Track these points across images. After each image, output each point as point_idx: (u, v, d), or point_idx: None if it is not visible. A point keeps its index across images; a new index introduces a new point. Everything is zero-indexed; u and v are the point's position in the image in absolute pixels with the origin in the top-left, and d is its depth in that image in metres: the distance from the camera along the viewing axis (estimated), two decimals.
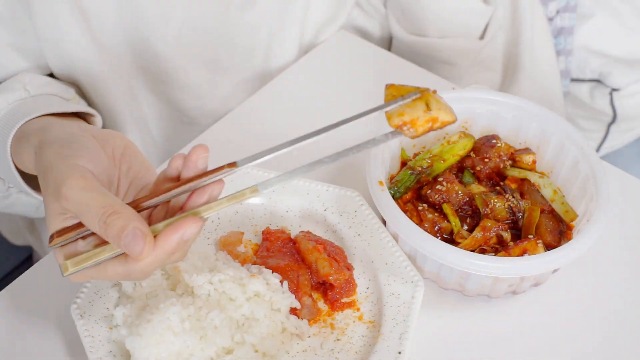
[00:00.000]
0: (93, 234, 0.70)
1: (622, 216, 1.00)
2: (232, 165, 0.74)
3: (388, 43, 1.38)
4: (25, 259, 1.58)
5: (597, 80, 1.51)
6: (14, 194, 0.99)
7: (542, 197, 0.94)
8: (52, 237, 0.70)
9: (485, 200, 0.91)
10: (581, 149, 0.94)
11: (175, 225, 0.67)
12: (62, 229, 0.70)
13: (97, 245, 0.70)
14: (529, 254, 0.86)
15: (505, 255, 0.86)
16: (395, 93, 0.77)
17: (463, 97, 1.00)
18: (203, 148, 0.73)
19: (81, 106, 0.96)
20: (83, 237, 0.71)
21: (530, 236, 0.89)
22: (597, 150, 1.57)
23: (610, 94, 1.50)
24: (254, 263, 0.91)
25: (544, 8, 1.43)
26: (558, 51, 1.48)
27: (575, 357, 0.88)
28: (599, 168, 0.91)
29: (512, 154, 0.98)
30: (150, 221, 0.73)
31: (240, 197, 0.73)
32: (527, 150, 0.99)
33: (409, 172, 0.95)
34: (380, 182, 0.89)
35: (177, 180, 0.72)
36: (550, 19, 1.45)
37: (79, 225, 0.70)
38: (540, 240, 0.88)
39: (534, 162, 0.98)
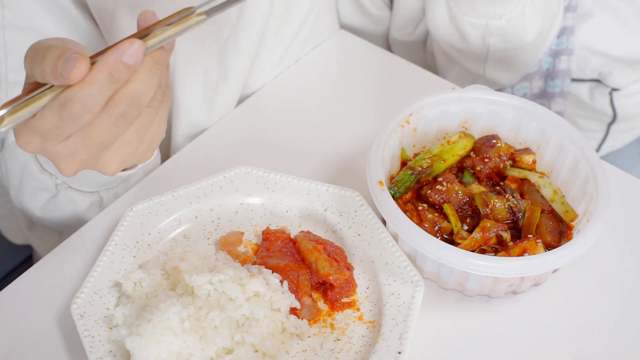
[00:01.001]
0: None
1: (622, 216, 1.00)
2: (189, 9, 0.71)
3: (388, 42, 1.38)
4: (25, 259, 1.58)
5: (597, 80, 1.51)
6: (63, 191, 0.96)
7: (542, 197, 0.94)
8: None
9: (485, 201, 0.91)
10: (581, 149, 0.94)
11: (113, 47, 0.65)
12: (14, 98, 0.67)
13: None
14: (529, 254, 0.86)
15: (505, 255, 0.86)
16: None
17: (463, 97, 1.00)
18: (150, 12, 0.70)
19: None
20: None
21: (530, 236, 0.89)
22: (597, 150, 1.57)
23: (610, 93, 1.50)
24: (254, 263, 0.91)
25: None
26: (560, 51, 1.48)
27: (575, 357, 0.88)
28: (599, 168, 0.91)
29: (512, 154, 0.98)
30: None
31: (186, 22, 0.70)
32: (527, 150, 0.99)
33: (409, 172, 0.95)
34: (380, 182, 0.89)
35: None
36: None
37: (31, 90, 0.67)
38: (540, 240, 0.88)
39: (534, 162, 0.98)
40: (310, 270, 0.90)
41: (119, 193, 1.02)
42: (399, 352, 0.82)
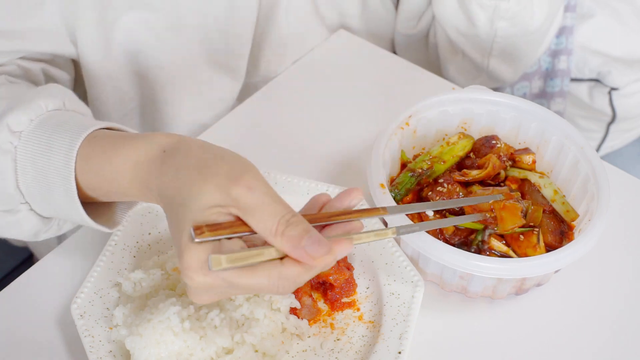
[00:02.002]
0: (240, 238, 0.68)
1: (622, 216, 1.00)
2: (384, 211, 0.79)
3: (390, 43, 1.38)
4: (26, 259, 1.58)
5: (596, 80, 1.51)
6: (24, 211, 0.82)
7: (543, 197, 0.94)
8: (200, 229, 0.65)
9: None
10: (581, 148, 0.94)
11: (339, 240, 0.68)
12: (214, 224, 0.66)
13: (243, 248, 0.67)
14: (524, 239, 0.87)
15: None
16: None
17: (462, 98, 1.00)
18: (359, 192, 0.74)
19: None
20: (228, 239, 0.67)
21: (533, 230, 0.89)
22: (597, 150, 1.58)
23: (610, 93, 1.50)
24: None
25: None
26: (559, 51, 1.48)
27: (578, 357, 0.88)
28: (599, 168, 0.91)
29: (511, 154, 0.98)
30: None
31: (382, 235, 0.76)
32: (526, 151, 0.99)
33: (409, 174, 0.95)
34: (382, 185, 0.89)
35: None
36: None
37: (234, 224, 0.67)
38: (537, 230, 0.88)
39: (534, 162, 0.98)
40: None
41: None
42: (399, 352, 0.82)
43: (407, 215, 0.88)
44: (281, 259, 0.67)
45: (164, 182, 0.71)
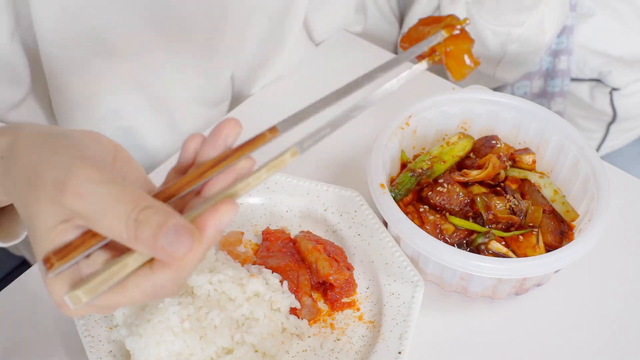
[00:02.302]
0: (100, 248, 0.57)
1: (622, 216, 1.00)
2: (273, 131, 0.62)
3: (392, 50, 1.38)
4: (25, 259, 1.58)
5: (597, 80, 1.51)
6: None
7: (543, 197, 0.94)
8: (49, 261, 0.55)
9: (487, 204, 0.90)
10: (581, 148, 0.94)
11: (210, 212, 0.55)
12: (63, 246, 0.55)
13: (106, 263, 0.56)
14: (522, 243, 0.87)
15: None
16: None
17: (462, 98, 1.00)
18: (236, 122, 0.61)
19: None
20: (87, 256, 0.56)
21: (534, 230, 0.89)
22: (597, 150, 1.58)
23: (610, 93, 1.50)
24: (254, 263, 0.91)
25: None
26: (559, 50, 1.48)
27: (578, 357, 0.88)
28: (599, 167, 0.91)
29: (511, 154, 0.98)
30: None
31: (280, 164, 0.60)
32: (526, 151, 0.99)
33: (409, 174, 0.95)
34: (382, 185, 0.89)
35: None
36: None
37: (85, 238, 0.56)
38: (536, 230, 0.88)
39: (534, 162, 0.98)
40: (310, 270, 0.90)
41: None
42: (399, 352, 0.82)
43: (408, 216, 0.88)
44: (150, 261, 0.56)
45: (10, 196, 0.62)
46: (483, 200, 0.91)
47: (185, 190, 0.59)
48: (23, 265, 1.59)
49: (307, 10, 1.17)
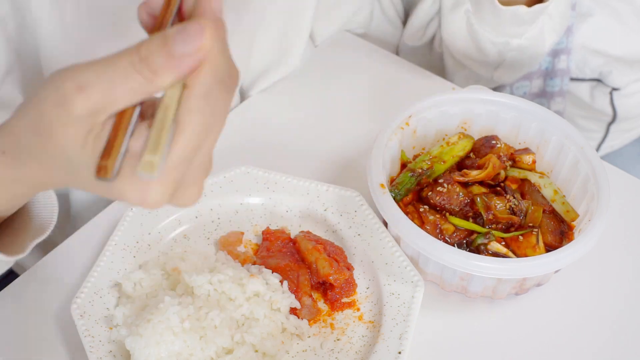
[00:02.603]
0: (138, 122, 0.55)
1: (622, 216, 1.00)
2: None
3: (393, 51, 1.38)
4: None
5: (597, 80, 1.51)
6: None
7: (543, 197, 0.94)
8: (102, 169, 0.53)
9: (487, 205, 0.90)
10: (581, 148, 0.94)
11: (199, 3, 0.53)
12: (104, 148, 0.53)
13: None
14: (522, 243, 0.87)
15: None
16: None
17: (462, 98, 1.00)
18: None
19: None
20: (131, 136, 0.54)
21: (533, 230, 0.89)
22: (597, 150, 1.57)
23: (611, 93, 1.50)
24: (254, 263, 0.91)
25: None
26: (559, 50, 1.48)
27: (578, 357, 0.88)
28: (599, 167, 0.91)
29: (511, 154, 0.98)
30: None
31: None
32: (526, 151, 0.99)
33: (409, 174, 0.95)
34: (382, 185, 0.89)
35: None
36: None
37: (117, 125, 0.53)
38: (536, 230, 0.88)
39: (534, 162, 0.98)
40: (310, 270, 0.90)
41: None
42: (399, 352, 0.82)
43: (408, 216, 0.88)
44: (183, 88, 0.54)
45: (34, 170, 0.59)
46: (483, 201, 0.91)
47: (168, 19, 0.56)
48: None
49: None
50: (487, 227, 0.90)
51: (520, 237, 0.89)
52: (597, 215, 0.87)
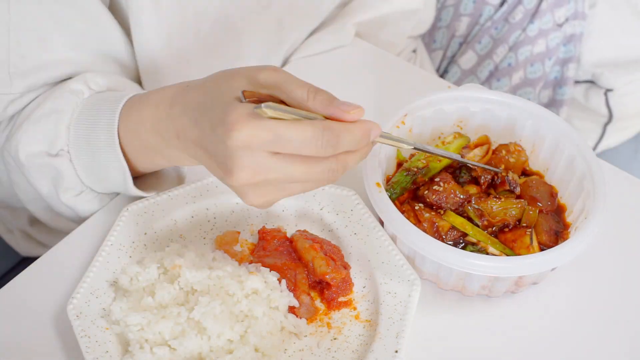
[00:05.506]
0: None
1: (619, 214, 1.00)
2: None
3: None
4: (22, 259, 1.58)
5: (591, 82, 1.52)
6: (88, 194, 0.95)
7: (542, 197, 0.94)
8: (251, 93, 0.73)
9: (480, 212, 0.90)
10: (577, 146, 0.94)
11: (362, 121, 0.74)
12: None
13: None
14: (516, 244, 0.87)
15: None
16: None
17: (457, 97, 1.00)
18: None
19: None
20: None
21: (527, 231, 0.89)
22: (594, 149, 1.58)
23: (605, 94, 1.50)
24: (251, 262, 0.91)
25: (552, 15, 1.43)
26: (569, 58, 1.48)
27: (574, 354, 0.88)
28: (595, 165, 0.91)
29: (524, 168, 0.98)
30: None
31: (399, 142, 0.83)
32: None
33: (405, 173, 0.95)
34: (378, 184, 0.89)
35: None
36: (560, 26, 1.45)
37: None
38: (530, 230, 0.88)
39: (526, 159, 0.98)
40: (307, 269, 0.90)
41: None
42: (396, 351, 0.82)
43: (403, 215, 0.88)
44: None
45: (188, 97, 0.79)
46: (475, 209, 0.90)
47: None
48: (21, 264, 1.59)
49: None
50: (485, 231, 0.90)
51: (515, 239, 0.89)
52: (593, 213, 0.87)
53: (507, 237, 0.89)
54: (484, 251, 0.88)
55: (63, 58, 0.93)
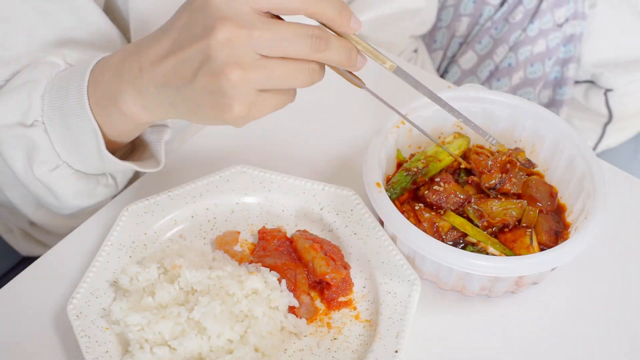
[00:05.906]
0: None
1: (619, 214, 1.00)
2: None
3: None
4: (22, 259, 1.58)
5: (591, 82, 1.52)
6: (64, 170, 0.92)
7: (542, 197, 0.94)
8: None
9: (480, 213, 0.90)
10: (577, 146, 0.94)
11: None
12: None
13: None
14: (516, 244, 0.87)
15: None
16: None
17: (457, 97, 0.99)
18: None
19: None
20: None
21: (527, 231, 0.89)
22: (594, 149, 1.58)
23: (605, 94, 1.50)
24: (251, 262, 0.91)
25: (552, 15, 1.43)
26: (569, 58, 1.48)
27: (574, 354, 0.88)
28: (595, 165, 0.91)
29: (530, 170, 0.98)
30: None
31: (380, 59, 0.85)
32: (517, 150, 0.98)
33: (405, 173, 0.95)
34: (378, 184, 0.89)
35: None
36: (559, 26, 1.46)
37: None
38: (530, 230, 0.88)
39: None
40: (307, 269, 0.90)
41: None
42: (396, 351, 0.82)
43: (403, 215, 0.88)
44: None
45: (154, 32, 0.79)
46: (475, 210, 0.90)
47: None
48: (21, 264, 1.59)
49: None
50: (485, 231, 0.90)
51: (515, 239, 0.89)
52: (593, 213, 0.87)
53: (507, 237, 0.89)
54: (484, 251, 0.88)
55: (48, 51, 0.93)
